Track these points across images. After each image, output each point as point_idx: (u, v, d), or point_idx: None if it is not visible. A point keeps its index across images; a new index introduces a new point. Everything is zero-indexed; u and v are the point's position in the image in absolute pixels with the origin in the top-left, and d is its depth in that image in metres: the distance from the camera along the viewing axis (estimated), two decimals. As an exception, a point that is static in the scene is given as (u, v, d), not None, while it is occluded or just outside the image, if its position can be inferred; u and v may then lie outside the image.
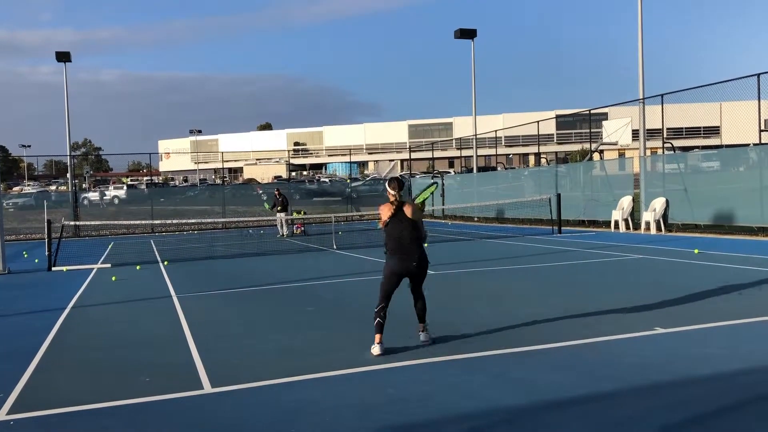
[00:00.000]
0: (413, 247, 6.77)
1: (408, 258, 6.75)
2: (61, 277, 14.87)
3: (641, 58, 23.34)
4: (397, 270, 6.78)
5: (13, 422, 5.11)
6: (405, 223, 6.77)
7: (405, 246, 6.75)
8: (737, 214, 18.80)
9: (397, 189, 6.83)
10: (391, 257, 6.81)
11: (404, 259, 6.75)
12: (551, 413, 4.82)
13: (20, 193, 53.49)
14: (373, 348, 6.62)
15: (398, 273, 6.78)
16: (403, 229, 6.76)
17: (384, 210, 6.87)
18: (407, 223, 6.78)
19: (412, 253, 6.76)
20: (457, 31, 33.64)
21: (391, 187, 6.85)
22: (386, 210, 6.84)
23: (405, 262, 6.75)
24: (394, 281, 6.81)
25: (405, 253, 6.75)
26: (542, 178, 28.11)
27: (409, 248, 6.75)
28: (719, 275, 11.24)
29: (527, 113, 68.37)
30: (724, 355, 6.18)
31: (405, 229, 6.77)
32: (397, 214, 6.78)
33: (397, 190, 6.83)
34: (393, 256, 6.79)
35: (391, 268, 6.80)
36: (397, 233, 6.76)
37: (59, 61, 35.54)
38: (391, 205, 6.82)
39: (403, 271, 6.78)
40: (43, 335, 8.30)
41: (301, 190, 43.19)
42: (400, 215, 6.77)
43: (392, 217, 6.77)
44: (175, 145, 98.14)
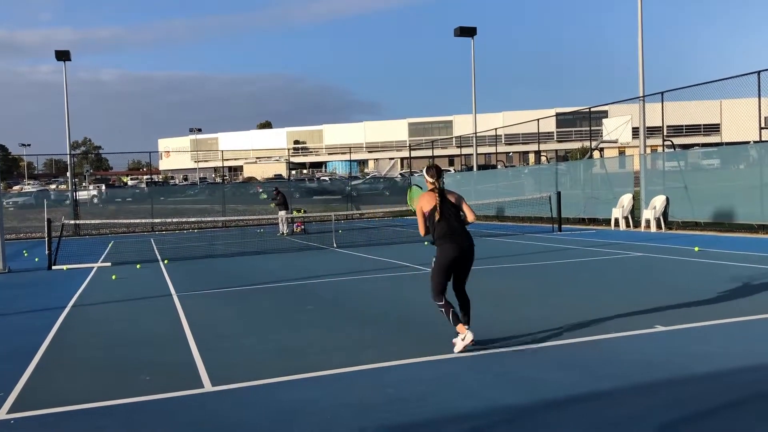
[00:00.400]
0: (464, 232, 6.61)
1: (462, 240, 6.53)
2: (61, 276, 14.87)
3: (641, 55, 23.33)
4: (453, 254, 6.47)
5: (14, 421, 5.11)
6: (452, 209, 6.60)
7: (456, 230, 6.54)
8: (737, 211, 18.80)
9: (435, 176, 6.65)
10: (443, 244, 6.51)
11: (459, 241, 6.51)
12: (551, 412, 4.82)
13: (20, 192, 53.50)
14: (462, 339, 6.33)
15: (454, 257, 6.48)
16: (451, 215, 6.57)
17: (427, 199, 6.65)
18: (454, 210, 6.61)
19: (464, 236, 6.57)
20: (457, 29, 33.61)
21: (429, 175, 6.67)
22: (429, 199, 6.62)
23: (461, 244, 6.50)
24: (450, 268, 6.55)
25: (459, 236, 6.53)
26: (542, 176, 28.11)
27: (461, 232, 6.57)
28: (719, 273, 11.24)
29: (527, 111, 68.38)
30: (725, 353, 6.18)
31: (453, 216, 6.59)
32: (443, 201, 6.58)
33: (436, 178, 6.65)
34: (446, 242, 6.50)
35: (446, 255, 6.50)
36: (446, 219, 6.54)
37: (59, 60, 35.51)
38: (433, 192, 6.62)
39: (459, 254, 6.49)
40: (43, 334, 8.30)
41: (301, 188, 43.19)
42: (446, 202, 6.59)
43: (440, 204, 6.54)
44: (175, 144, 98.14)
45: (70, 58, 35.62)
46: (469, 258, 6.64)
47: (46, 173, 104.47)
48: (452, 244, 6.50)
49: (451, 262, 6.53)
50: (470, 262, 6.70)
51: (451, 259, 6.51)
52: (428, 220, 6.62)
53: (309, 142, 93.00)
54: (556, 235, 20.81)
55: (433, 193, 6.63)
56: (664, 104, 21.58)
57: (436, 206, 6.55)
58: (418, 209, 6.69)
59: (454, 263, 6.55)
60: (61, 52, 35.39)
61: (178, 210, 36.34)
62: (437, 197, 6.57)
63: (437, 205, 6.54)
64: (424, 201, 6.64)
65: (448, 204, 6.60)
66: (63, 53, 35.43)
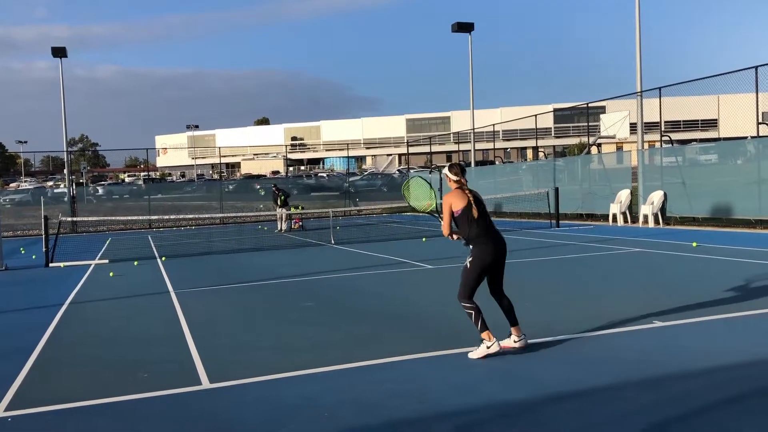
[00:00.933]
0: (498, 231, 6.33)
1: (498, 239, 6.25)
2: (58, 274, 14.84)
3: (638, 50, 23.30)
4: (492, 254, 6.16)
5: (11, 419, 5.10)
6: (485, 207, 6.30)
7: (492, 230, 6.25)
8: (735, 206, 18.81)
9: (460, 174, 6.35)
10: (481, 244, 6.16)
11: (495, 241, 6.21)
12: (550, 408, 4.82)
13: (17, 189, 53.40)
14: (488, 347, 6.02)
15: (494, 258, 6.18)
16: (486, 214, 6.26)
17: (457, 197, 6.24)
18: (486, 208, 6.31)
19: (499, 235, 6.30)
20: (455, 24, 33.55)
21: (453, 173, 6.35)
22: (461, 197, 6.23)
23: (497, 244, 6.22)
24: (487, 269, 6.23)
25: (495, 235, 6.24)
26: (540, 172, 28.11)
27: (496, 231, 6.29)
28: (717, 268, 11.24)
29: (525, 107, 68.33)
30: (723, 348, 6.18)
31: (487, 214, 6.29)
32: (477, 199, 6.26)
33: (461, 175, 6.34)
34: (483, 242, 6.16)
35: (485, 255, 6.15)
36: (483, 218, 6.20)
37: (55, 57, 35.42)
38: (463, 191, 6.29)
39: (497, 254, 6.21)
40: (40, 332, 8.28)
41: (298, 185, 43.15)
42: (480, 200, 6.28)
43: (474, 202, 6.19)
44: (172, 141, 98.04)
45: (66, 54, 35.52)
46: (504, 258, 6.36)
47: (43, 170, 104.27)
48: (490, 245, 6.19)
49: (491, 263, 6.22)
50: (504, 263, 6.41)
51: (491, 259, 6.20)
52: (458, 219, 6.25)
53: (307, 138, 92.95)
54: (553, 230, 20.82)
55: (462, 191, 6.28)
56: (661, 99, 21.58)
57: (470, 204, 6.18)
58: (446, 207, 6.25)
59: (493, 264, 6.25)
60: (58, 49, 35.29)
61: (175, 207, 36.31)
62: (469, 195, 6.24)
63: (471, 203, 6.18)
64: (455, 199, 6.23)
65: (480, 202, 6.28)
66: (59, 50, 35.33)
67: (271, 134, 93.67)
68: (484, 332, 6.06)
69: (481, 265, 6.19)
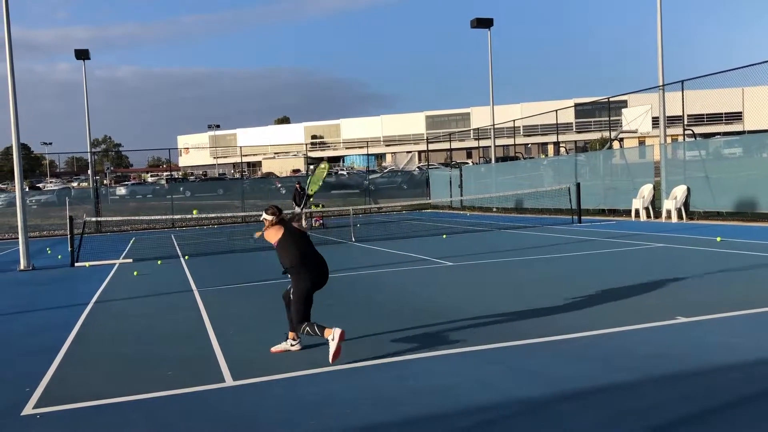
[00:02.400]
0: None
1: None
2: (84, 273, 15.07)
3: (660, 43, 23.05)
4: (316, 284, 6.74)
5: (40, 416, 5.21)
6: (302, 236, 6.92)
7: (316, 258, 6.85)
8: (760, 201, 18.55)
9: (276, 214, 6.89)
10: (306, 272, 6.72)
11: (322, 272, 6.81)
12: (570, 403, 4.81)
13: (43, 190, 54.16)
14: (332, 338, 6.18)
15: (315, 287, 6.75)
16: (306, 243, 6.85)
17: (271, 234, 6.87)
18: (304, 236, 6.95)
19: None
20: (474, 20, 33.43)
21: (269, 213, 6.91)
22: (274, 232, 6.85)
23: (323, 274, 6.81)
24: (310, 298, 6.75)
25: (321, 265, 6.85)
26: (561, 168, 27.93)
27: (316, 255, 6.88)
28: (742, 263, 11.11)
29: (545, 102, 67.93)
30: (747, 344, 6.12)
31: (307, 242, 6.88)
32: (288, 229, 6.84)
33: (277, 215, 6.88)
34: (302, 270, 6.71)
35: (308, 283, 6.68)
36: (303, 247, 6.76)
37: (78, 59, 35.85)
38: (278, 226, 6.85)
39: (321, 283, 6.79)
40: (67, 330, 8.43)
41: (320, 183, 43.19)
42: (291, 229, 6.87)
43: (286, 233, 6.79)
44: (193, 140, 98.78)
45: (89, 56, 35.94)
46: (326, 278, 6.89)
47: (67, 171, 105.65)
48: (310, 272, 6.68)
49: (312, 287, 6.72)
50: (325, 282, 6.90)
51: (312, 284, 6.71)
52: (278, 250, 6.80)
53: (326, 136, 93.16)
54: (575, 226, 20.69)
55: (278, 226, 6.84)
56: (684, 93, 21.32)
57: (284, 237, 6.74)
58: (270, 240, 6.86)
59: (315, 286, 6.76)
60: (81, 51, 35.72)
61: (197, 206, 36.61)
62: (283, 229, 6.80)
63: (286, 236, 6.75)
64: (270, 234, 6.84)
65: (296, 233, 6.85)
66: (82, 52, 35.76)
67: (291, 133, 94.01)
68: (324, 331, 6.26)
69: (304, 292, 6.67)
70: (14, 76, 16.15)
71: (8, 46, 16.00)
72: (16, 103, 16.23)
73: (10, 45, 16.01)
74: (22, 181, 16.61)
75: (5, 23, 15.93)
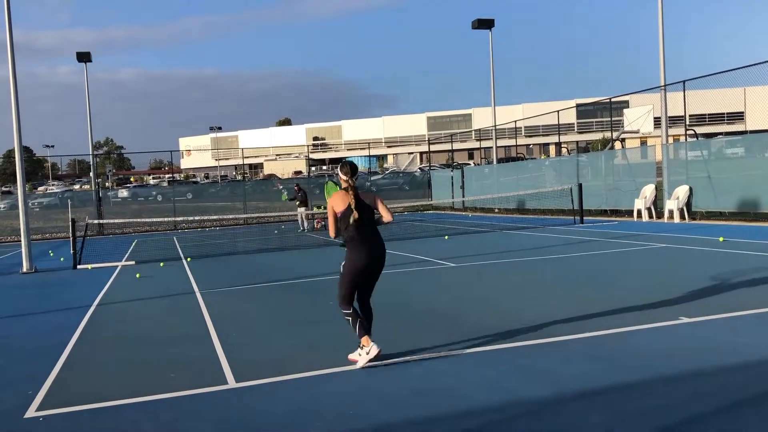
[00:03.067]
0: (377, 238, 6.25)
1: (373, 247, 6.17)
2: (86, 275, 15.07)
3: (662, 43, 23.03)
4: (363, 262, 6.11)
5: (43, 419, 5.19)
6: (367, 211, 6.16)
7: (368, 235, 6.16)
8: (763, 200, 18.51)
9: (350, 174, 6.17)
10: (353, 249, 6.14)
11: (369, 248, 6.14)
12: (576, 404, 4.80)
13: (45, 192, 54.24)
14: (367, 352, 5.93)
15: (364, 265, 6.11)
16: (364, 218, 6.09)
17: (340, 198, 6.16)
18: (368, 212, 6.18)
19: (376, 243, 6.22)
20: (475, 21, 33.44)
21: (343, 172, 6.18)
22: (343, 198, 6.14)
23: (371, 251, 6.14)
24: (359, 276, 6.15)
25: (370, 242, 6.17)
26: (563, 168, 27.91)
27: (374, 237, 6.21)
28: (745, 263, 11.08)
29: (547, 102, 67.90)
30: (752, 344, 6.09)
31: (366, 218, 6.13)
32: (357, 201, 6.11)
33: (350, 176, 6.16)
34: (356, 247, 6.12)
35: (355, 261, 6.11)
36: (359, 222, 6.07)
37: (80, 62, 35.89)
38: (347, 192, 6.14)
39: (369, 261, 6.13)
40: (70, 332, 8.42)
41: (321, 184, 43.24)
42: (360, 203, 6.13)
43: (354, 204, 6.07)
44: (195, 142, 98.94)
45: (91, 59, 35.99)
46: (378, 267, 6.22)
47: (69, 174, 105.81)
48: (363, 250, 6.08)
49: (361, 270, 6.11)
50: (378, 272, 6.27)
51: (361, 266, 6.09)
52: (340, 220, 6.13)
53: (328, 137, 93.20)
54: (577, 227, 20.66)
55: (346, 192, 6.14)
56: (686, 93, 21.30)
57: (350, 207, 6.05)
58: (330, 209, 6.18)
59: (364, 271, 6.13)
60: (83, 54, 35.77)
61: (200, 208, 36.63)
62: (351, 197, 6.08)
63: (351, 207, 6.05)
64: (337, 201, 6.14)
65: (362, 205, 6.11)
66: (84, 54, 35.80)
67: (293, 135, 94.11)
68: (363, 338, 5.97)
69: (350, 271, 6.10)
70: (16, 78, 16.18)
71: (10, 48, 16.01)
72: (18, 106, 16.24)
73: (12, 48, 16.03)
74: (24, 184, 16.62)
75: (7, 26, 15.94)
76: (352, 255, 6.12)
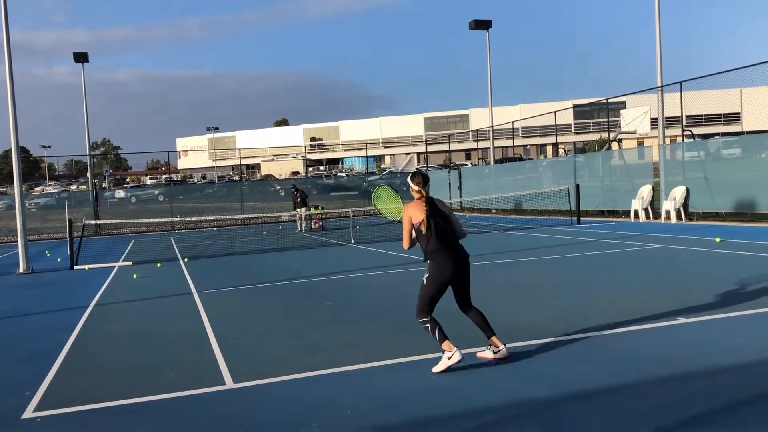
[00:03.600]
0: (458, 244, 6.04)
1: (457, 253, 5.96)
2: (83, 276, 15.04)
3: (659, 44, 23.06)
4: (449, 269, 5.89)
5: (40, 419, 5.18)
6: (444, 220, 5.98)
7: (450, 243, 5.96)
8: (760, 201, 18.55)
9: (421, 184, 6.02)
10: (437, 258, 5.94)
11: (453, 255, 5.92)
12: (574, 405, 4.80)
13: (42, 193, 54.14)
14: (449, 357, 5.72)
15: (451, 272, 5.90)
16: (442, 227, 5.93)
17: (415, 209, 5.96)
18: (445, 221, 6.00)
19: (458, 248, 6.01)
20: (472, 22, 33.46)
21: (415, 182, 6.02)
22: (418, 209, 5.94)
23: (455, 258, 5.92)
24: (445, 285, 5.95)
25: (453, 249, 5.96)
26: (560, 169, 27.94)
27: (455, 244, 6.00)
28: (742, 264, 11.10)
29: (544, 103, 67.99)
30: (749, 344, 6.11)
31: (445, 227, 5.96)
32: (433, 211, 5.94)
33: (422, 185, 6.02)
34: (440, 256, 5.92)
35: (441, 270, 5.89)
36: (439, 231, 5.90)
37: (77, 62, 35.88)
38: (421, 201, 5.97)
39: (455, 267, 5.91)
40: (67, 333, 8.41)
41: (318, 185, 43.30)
42: (437, 212, 5.96)
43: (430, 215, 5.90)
44: (192, 143, 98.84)
45: (88, 59, 35.96)
46: (466, 274, 6.03)
47: (66, 174, 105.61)
48: (447, 259, 5.88)
49: (447, 281, 5.92)
50: (468, 277, 6.07)
51: (448, 274, 5.88)
52: (417, 232, 5.97)
53: (325, 138, 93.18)
54: (575, 228, 20.68)
55: (421, 202, 5.97)
56: (683, 94, 21.34)
57: (426, 217, 5.88)
58: (406, 219, 6.00)
59: (451, 279, 5.93)
60: (80, 54, 35.74)
61: (197, 208, 36.59)
62: (426, 207, 5.91)
63: (427, 216, 5.88)
64: (414, 211, 5.94)
65: (439, 214, 5.95)
66: (81, 55, 35.77)
67: (290, 135, 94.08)
68: (444, 343, 5.79)
69: (438, 281, 5.90)
70: (13, 79, 16.14)
71: (7, 49, 15.98)
72: (15, 106, 16.21)
73: (8, 48, 16.00)
74: (21, 184, 16.59)
75: (4, 27, 15.91)
76: (437, 266, 5.91)
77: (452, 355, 5.72)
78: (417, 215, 5.92)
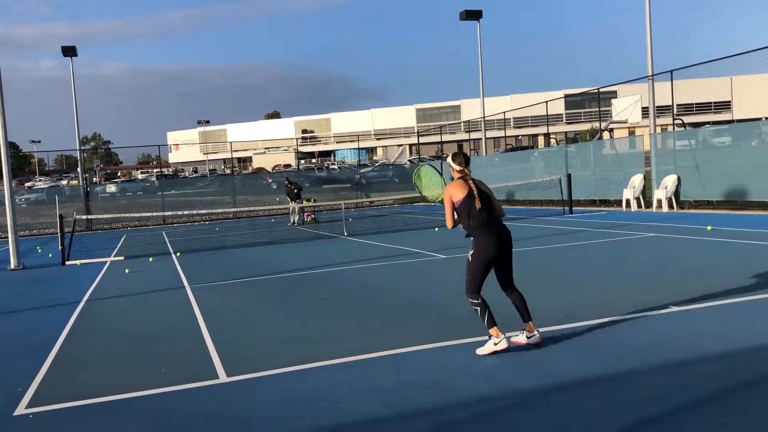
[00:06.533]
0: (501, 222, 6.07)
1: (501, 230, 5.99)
2: (75, 271, 14.98)
3: (649, 33, 23.07)
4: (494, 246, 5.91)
5: (32, 416, 5.16)
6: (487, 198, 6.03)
7: (494, 220, 5.99)
8: (750, 189, 18.64)
9: (464, 164, 6.08)
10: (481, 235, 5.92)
11: (497, 232, 5.94)
12: (565, 394, 4.81)
13: (32, 188, 53.80)
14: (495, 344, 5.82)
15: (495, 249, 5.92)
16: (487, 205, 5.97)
17: (458, 187, 6.00)
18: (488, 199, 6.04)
19: (502, 226, 6.05)
20: (463, 12, 33.38)
21: (456, 162, 6.09)
22: (461, 187, 5.99)
23: (499, 235, 5.94)
24: (491, 262, 5.97)
25: (497, 226, 5.98)
26: (552, 159, 27.99)
27: (498, 222, 6.04)
28: (733, 251, 11.16)
29: (535, 93, 67.90)
30: (740, 331, 6.14)
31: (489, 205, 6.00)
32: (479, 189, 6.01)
33: (464, 165, 6.07)
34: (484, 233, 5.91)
35: (485, 247, 5.90)
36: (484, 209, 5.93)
37: (65, 56, 35.58)
38: (464, 180, 6.03)
39: (499, 245, 5.93)
40: (59, 329, 8.37)
41: (310, 177, 43.21)
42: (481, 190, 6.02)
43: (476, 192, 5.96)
44: (183, 137, 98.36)
45: (76, 53, 35.65)
46: (509, 251, 6.05)
47: (57, 169, 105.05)
48: (491, 236, 5.89)
49: (493, 256, 5.92)
50: (510, 256, 6.09)
51: (493, 251, 5.90)
52: (459, 210, 6.00)
53: (317, 130, 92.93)
54: (567, 217, 20.73)
55: (463, 181, 6.03)
56: (673, 82, 21.38)
57: (471, 194, 5.92)
58: (447, 198, 6.04)
59: (494, 257, 5.94)
60: (68, 48, 35.43)
61: (189, 202, 36.46)
62: (471, 185, 5.98)
63: (473, 194, 5.92)
64: (455, 190, 5.99)
65: (483, 192, 6.01)
66: (69, 49, 35.47)
67: (281, 128, 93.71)
68: (492, 328, 5.85)
69: (481, 258, 5.91)
70: (0, 74, 15.99)
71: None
72: (2, 101, 16.07)
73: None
74: (10, 180, 16.48)
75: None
76: (481, 244, 5.91)
77: (499, 342, 5.83)
78: (457, 194, 5.99)
